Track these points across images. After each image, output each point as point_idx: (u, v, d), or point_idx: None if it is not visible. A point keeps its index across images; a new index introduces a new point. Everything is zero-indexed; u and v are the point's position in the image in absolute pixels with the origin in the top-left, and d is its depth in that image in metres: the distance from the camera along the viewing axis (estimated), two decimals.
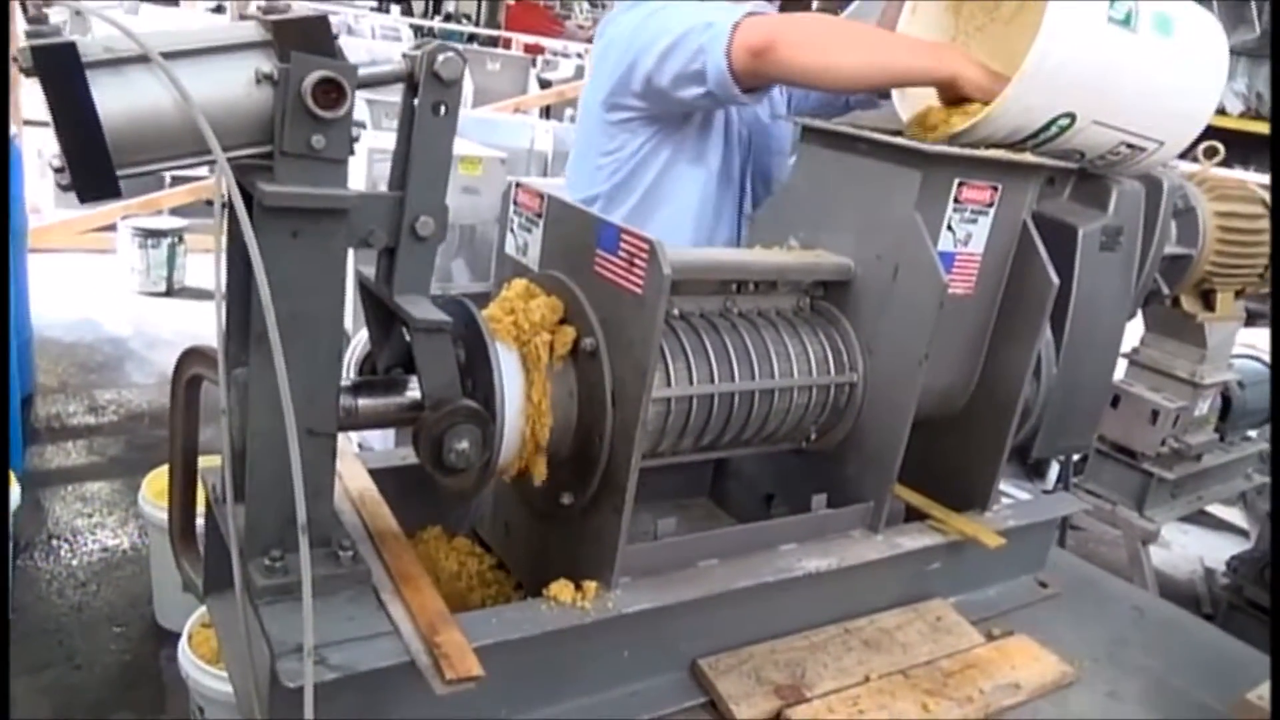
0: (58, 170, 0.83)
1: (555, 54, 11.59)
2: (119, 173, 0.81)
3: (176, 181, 6.26)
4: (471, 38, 13.93)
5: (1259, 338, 5.04)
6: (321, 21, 0.87)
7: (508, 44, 11.76)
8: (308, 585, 0.85)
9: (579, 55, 11.10)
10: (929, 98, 1.51)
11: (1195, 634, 1.58)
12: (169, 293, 5.47)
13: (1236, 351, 3.13)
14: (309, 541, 0.87)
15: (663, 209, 1.82)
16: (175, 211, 6.03)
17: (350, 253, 0.97)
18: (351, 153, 0.91)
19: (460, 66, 0.95)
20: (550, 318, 1.11)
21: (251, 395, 0.96)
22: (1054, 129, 1.37)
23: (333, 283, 0.95)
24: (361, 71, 0.90)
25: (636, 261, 1.04)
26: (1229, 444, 3.16)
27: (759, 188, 1.96)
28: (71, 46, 0.76)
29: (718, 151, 1.86)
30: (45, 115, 0.78)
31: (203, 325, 4.96)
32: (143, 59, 0.81)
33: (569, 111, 9.35)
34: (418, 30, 12.10)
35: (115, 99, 0.80)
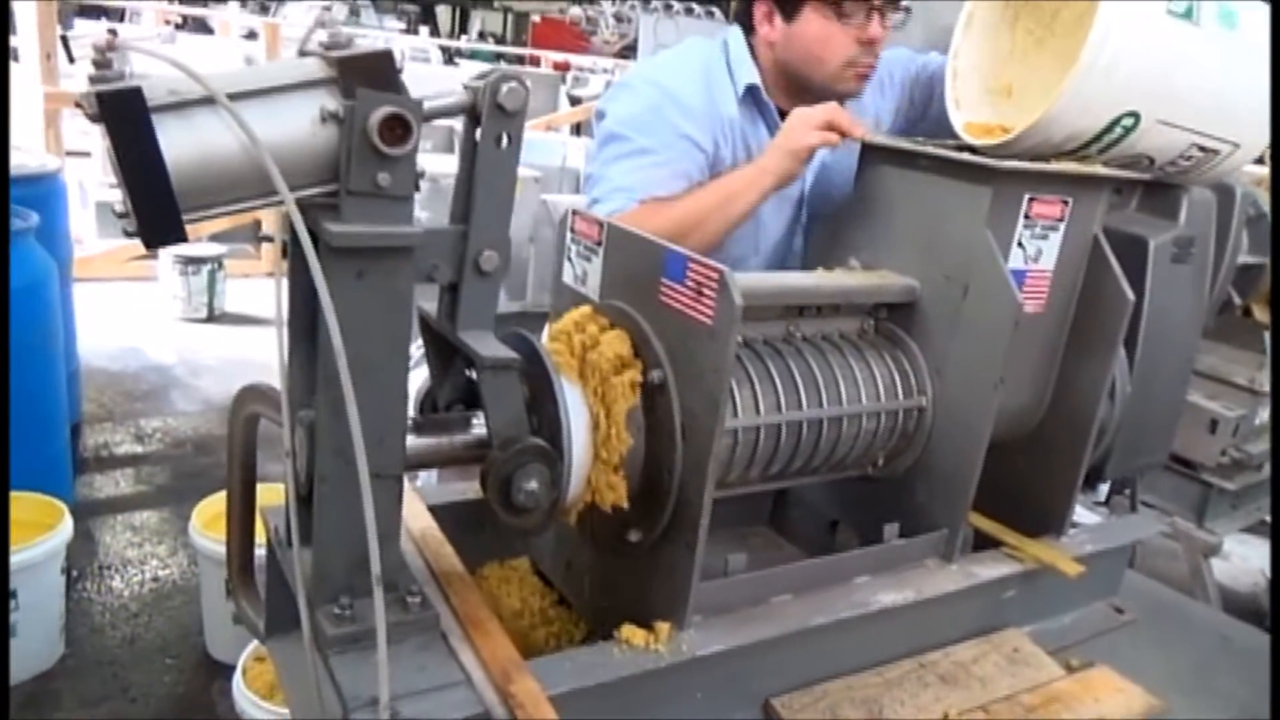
0: (121, 215, 0.81)
1: (584, 70, 11.64)
2: (184, 217, 0.80)
3: None
4: (499, 56, 14.05)
5: None
6: (386, 56, 0.85)
7: (535, 61, 11.83)
8: (383, 641, 0.82)
9: (606, 71, 11.14)
10: (982, 104, 1.47)
11: None
12: (210, 319, 5.51)
13: None
14: (383, 592, 0.84)
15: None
16: (214, 237, 6.10)
17: None
18: (417, 189, 0.89)
19: (524, 97, 0.93)
20: (623, 356, 1.08)
21: (318, 438, 0.93)
22: (1118, 130, 1.31)
23: (398, 321, 0.92)
24: (426, 105, 0.87)
25: (706, 291, 1.01)
26: None
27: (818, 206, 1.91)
28: (138, 92, 0.74)
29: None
30: (85, 145, 0.76)
31: (244, 350, 5.00)
32: (208, 101, 0.79)
33: None
34: (446, 51, 12.21)
35: (181, 143, 0.78)
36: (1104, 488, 3.00)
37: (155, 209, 0.76)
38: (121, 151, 0.76)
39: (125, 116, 0.75)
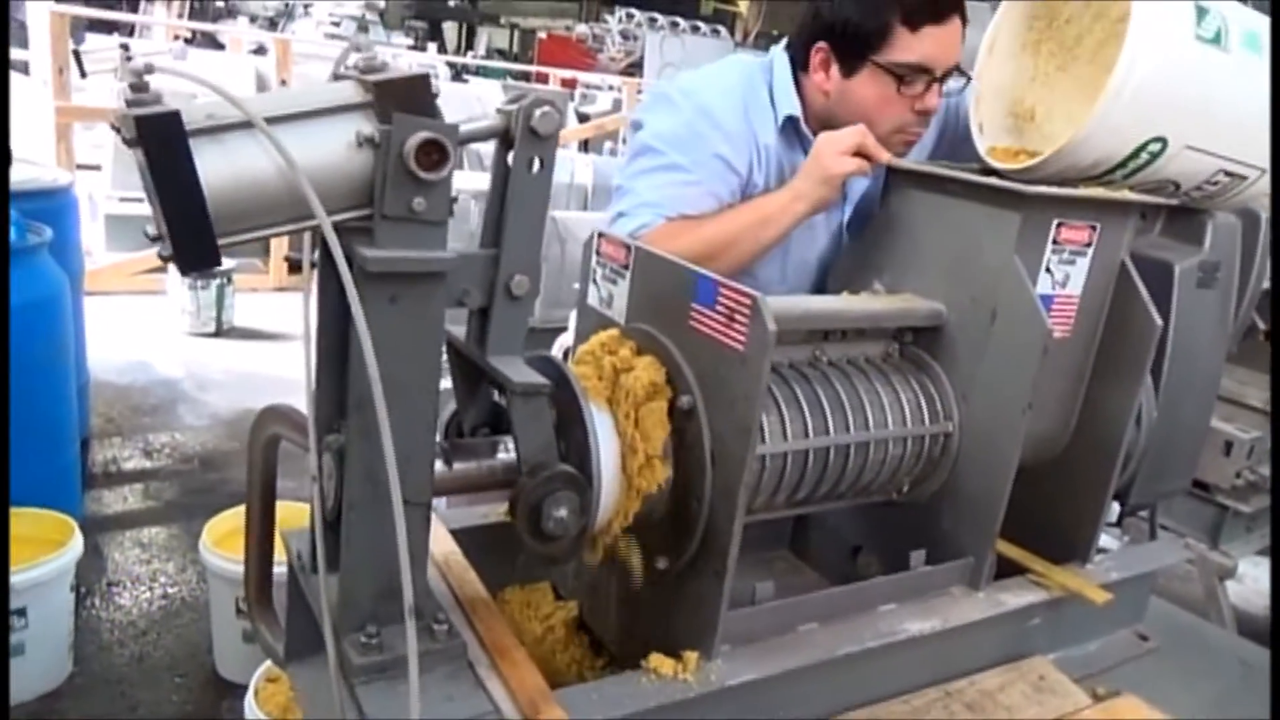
0: (154, 239, 0.80)
1: (591, 87, 11.67)
2: (220, 242, 0.79)
3: None
4: (505, 74, 14.11)
5: None
6: (423, 81, 0.84)
7: (543, 78, 11.86)
8: (414, 672, 0.81)
9: (612, 88, 11.17)
10: (1006, 128, 1.47)
11: None
12: (218, 333, 5.51)
13: None
14: (414, 622, 0.83)
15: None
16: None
17: None
18: (451, 214, 0.88)
19: (557, 121, 0.92)
20: (657, 383, 1.07)
21: (348, 463, 0.92)
22: (1144, 155, 1.31)
23: (430, 346, 0.92)
24: (462, 130, 0.87)
25: (738, 317, 1.00)
26: None
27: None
28: (176, 116, 0.74)
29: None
30: (95, 159, 0.76)
31: (252, 365, 4.99)
32: (245, 125, 0.78)
33: (608, 144, 9.40)
34: (453, 67, 12.26)
35: (218, 168, 0.77)
36: (1116, 509, 2.98)
37: (191, 234, 0.76)
38: (159, 176, 0.75)
39: (163, 140, 0.74)
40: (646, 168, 1.66)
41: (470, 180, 3.95)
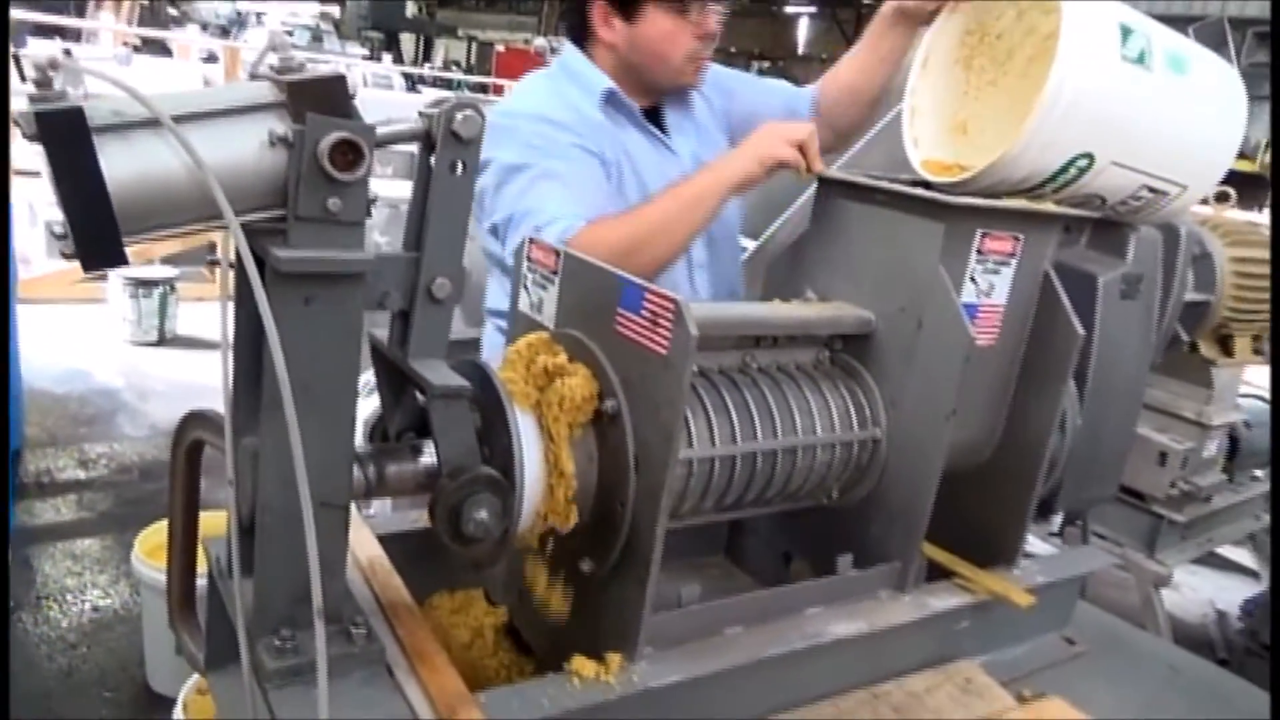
0: (59, 237, 0.79)
1: None
2: (125, 240, 0.78)
3: None
4: (460, 84, 14.07)
5: (1259, 375, 5.03)
6: (339, 81, 0.84)
7: (499, 90, 11.85)
8: (323, 674, 0.80)
9: None
10: (939, 142, 1.49)
11: (1233, 695, 1.53)
12: (161, 342, 5.41)
13: (1242, 391, 3.11)
14: (324, 625, 0.82)
15: None
16: (167, 260, 6.00)
17: None
18: (369, 215, 0.87)
19: (480, 125, 0.93)
20: (591, 395, 1.07)
21: (261, 466, 0.91)
22: (1073, 170, 1.34)
23: (347, 349, 0.91)
24: (379, 131, 0.87)
25: (661, 321, 1.01)
26: (1237, 485, 3.12)
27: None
28: (79, 112, 0.73)
29: None
30: (36, 167, 0.75)
31: (195, 375, 4.91)
32: (152, 123, 0.77)
33: None
34: (409, 78, 12.20)
35: (123, 166, 0.76)
36: (1057, 519, 3.04)
37: (94, 231, 0.75)
38: (60, 172, 0.74)
39: (65, 137, 0.73)
40: (524, 187, 1.66)
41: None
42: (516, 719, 0.96)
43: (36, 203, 5.98)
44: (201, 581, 1.21)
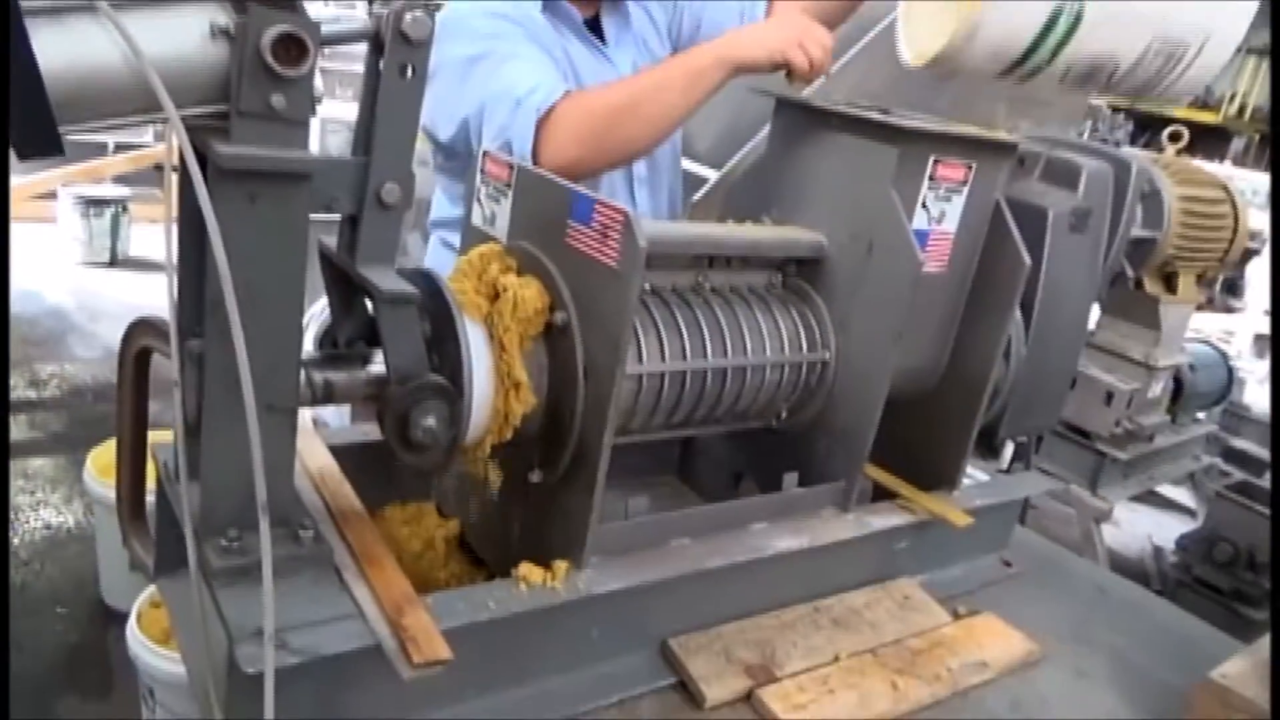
0: None
1: None
2: (62, 129, 0.76)
3: (120, 149, 6.07)
4: (438, 7, 13.64)
5: (1206, 322, 5.13)
6: None
7: None
8: (268, 568, 0.81)
9: None
10: (933, 34, 1.42)
11: (1157, 613, 1.60)
12: (113, 263, 5.30)
13: (1188, 335, 3.18)
14: (269, 521, 0.83)
15: None
16: (119, 180, 5.85)
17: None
18: (313, 114, 0.86)
19: (429, 27, 0.91)
20: (542, 308, 1.07)
21: (206, 368, 0.91)
22: (1061, 24, 1.23)
23: (293, 250, 0.90)
24: (325, 29, 0.85)
25: (611, 233, 1.01)
26: (1180, 426, 3.22)
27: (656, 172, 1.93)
28: None
29: None
30: None
31: (148, 297, 4.81)
32: (88, 8, 0.75)
33: None
34: None
35: (58, 51, 0.74)
36: (1007, 455, 3.12)
37: (29, 117, 0.73)
38: None
39: None
40: (490, 70, 1.58)
41: None
42: (463, 621, 0.98)
43: None
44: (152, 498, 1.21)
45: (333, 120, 5.43)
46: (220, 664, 0.92)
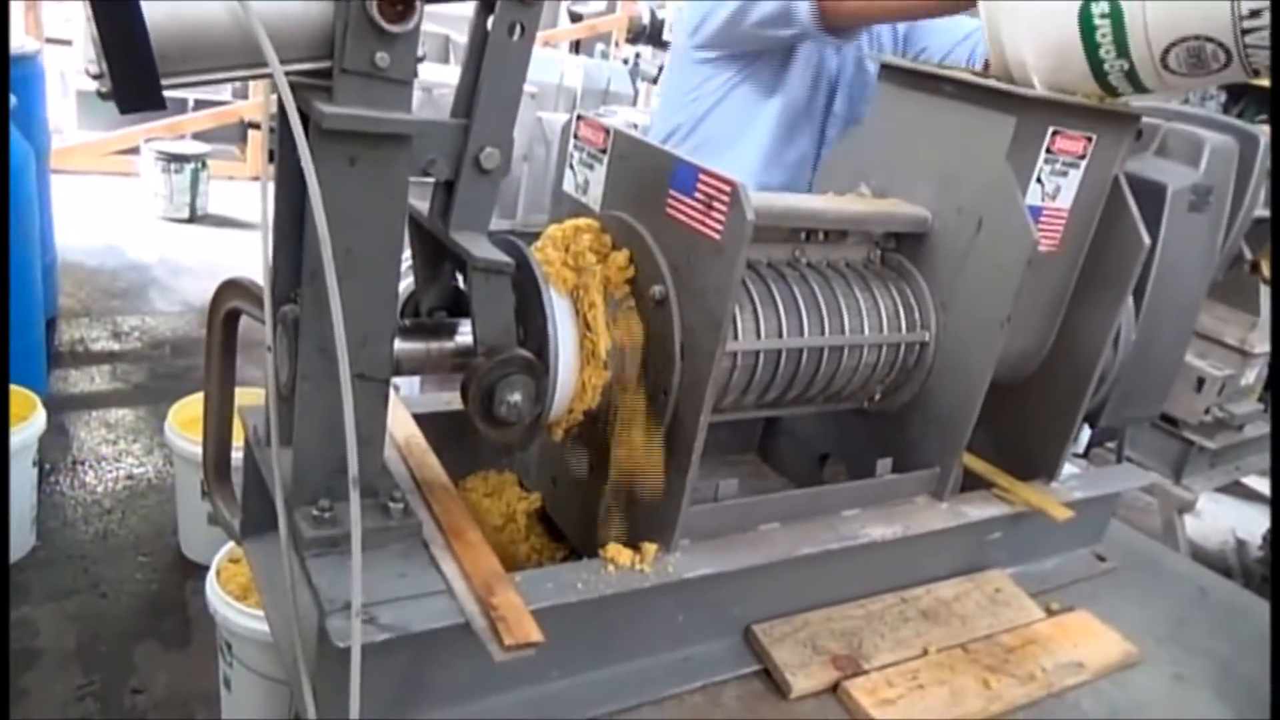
0: (96, 77, 0.75)
1: None
2: (164, 81, 0.74)
3: (200, 105, 6.16)
4: None
5: None
6: None
7: None
8: (357, 543, 0.79)
9: None
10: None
11: (1262, 619, 1.52)
12: (192, 219, 5.39)
13: None
14: (359, 494, 0.80)
15: (735, 144, 1.82)
16: (198, 136, 5.93)
17: None
18: (416, 74, 0.83)
19: None
20: (625, 282, 1.04)
21: (301, 335, 0.89)
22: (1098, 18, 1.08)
23: (392, 215, 0.87)
24: None
25: (716, 205, 0.96)
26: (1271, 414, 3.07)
27: (840, 129, 1.89)
28: None
29: (800, 86, 1.83)
30: (67, 33, 0.70)
31: (226, 254, 4.90)
32: None
33: (599, 46, 9.13)
34: None
35: (163, 2, 0.72)
36: (1084, 439, 3.02)
37: (133, 70, 0.70)
38: (98, 7, 0.69)
39: None
40: None
41: (449, 74, 3.82)
42: (551, 602, 0.96)
43: (68, 71, 5.91)
44: (238, 454, 1.21)
45: (430, 84, 5.42)
46: (310, 633, 0.91)
